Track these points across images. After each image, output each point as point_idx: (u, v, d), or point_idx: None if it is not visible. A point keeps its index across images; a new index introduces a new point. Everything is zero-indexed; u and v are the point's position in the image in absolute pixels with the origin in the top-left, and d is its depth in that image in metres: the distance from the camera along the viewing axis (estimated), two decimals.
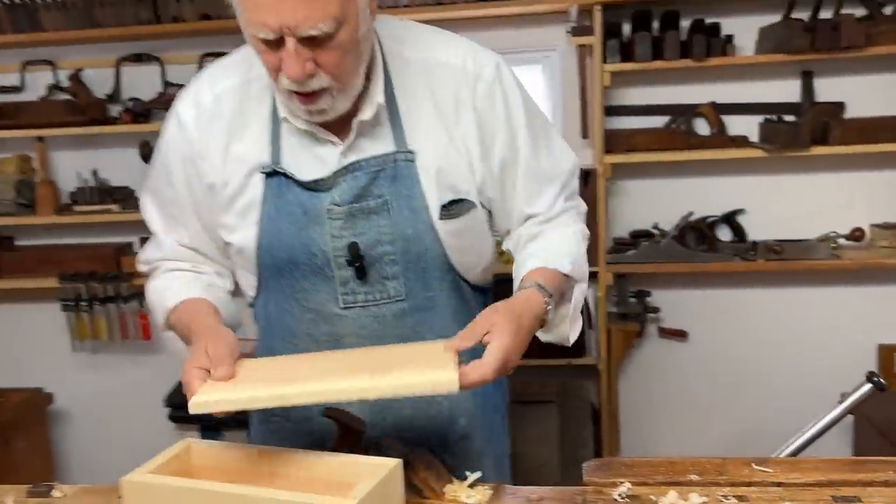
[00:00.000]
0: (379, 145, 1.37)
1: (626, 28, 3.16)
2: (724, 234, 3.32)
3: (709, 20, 3.07)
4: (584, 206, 1.56)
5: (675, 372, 3.49)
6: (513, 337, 1.20)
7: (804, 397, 3.15)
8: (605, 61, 3.03)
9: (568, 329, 1.44)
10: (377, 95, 1.34)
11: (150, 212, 1.54)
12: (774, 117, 3.14)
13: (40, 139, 3.51)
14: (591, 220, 3.12)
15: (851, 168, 3.21)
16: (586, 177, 3.13)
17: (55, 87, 3.55)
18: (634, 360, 3.50)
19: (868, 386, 1.54)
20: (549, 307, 1.32)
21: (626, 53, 3.06)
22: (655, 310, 3.36)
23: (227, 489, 1.06)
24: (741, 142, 3.15)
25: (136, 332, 3.57)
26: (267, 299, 1.50)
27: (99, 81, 3.53)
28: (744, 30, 3.15)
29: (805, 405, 2.73)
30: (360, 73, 1.31)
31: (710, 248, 3.19)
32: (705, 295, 3.41)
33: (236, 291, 1.57)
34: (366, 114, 1.34)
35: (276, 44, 1.20)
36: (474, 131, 1.39)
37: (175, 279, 1.49)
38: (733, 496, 1.30)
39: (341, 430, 1.24)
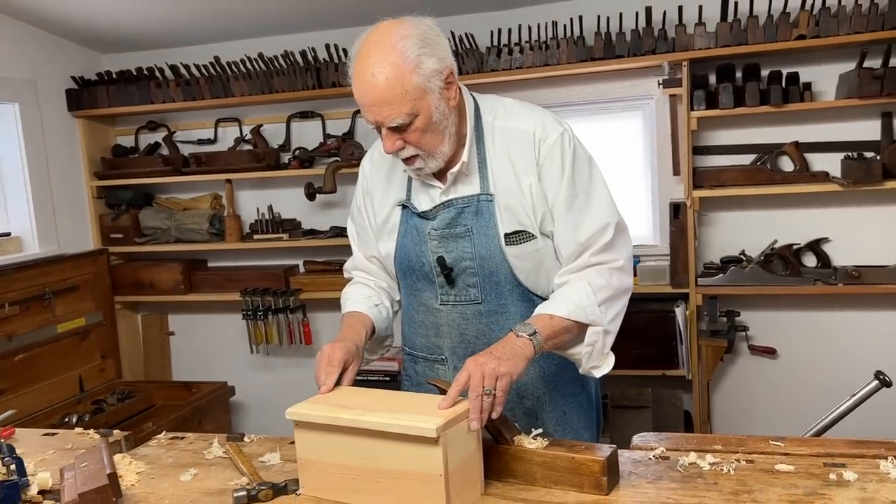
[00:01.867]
0: (468, 188, 1.77)
1: (712, 79, 3.40)
2: (810, 260, 3.46)
3: (789, 70, 3.27)
4: (619, 262, 1.74)
5: (765, 385, 3.63)
6: (473, 363, 1.48)
7: (887, 413, 3.24)
8: (692, 108, 3.30)
9: (586, 364, 1.72)
10: (465, 156, 1.73)
11: (350, 232, 2.02)
12: (854, 154, 3.29)
13: (229, 181, 4.05)
14: (682, 246, 3.39)
15: None
16: (677, 209, 3.40)
17: (240, 140, 4.10)
18: (726, 374, 3.68)
19: (875, 382, 1.78)
20: (528, 337, 1.57)
21: (712, 101, 3.31)
22: (745, 328, 3.54)
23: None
24: (821, 177, 3.32)
25: (300, 337, 4.02)
26: (403, 294, 1.96)
27: (274, 134, 4.06)
28: (824, 76, 3.32)
29: (887, 420, 2.83)
30: (445, 143, 1.68)
31: (794, 272, 3.36)
32: (793, 316, 3.55)
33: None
34: (456, 168, 1.74)
35: (379, 129, 1.65)
36: (537, 181, 1.73)
37: (355, 292, 1.96)
38: (744, 460, 1.59)
39: (440, 392, 1.66)
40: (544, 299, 1.77)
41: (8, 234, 3.78)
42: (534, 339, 1.59)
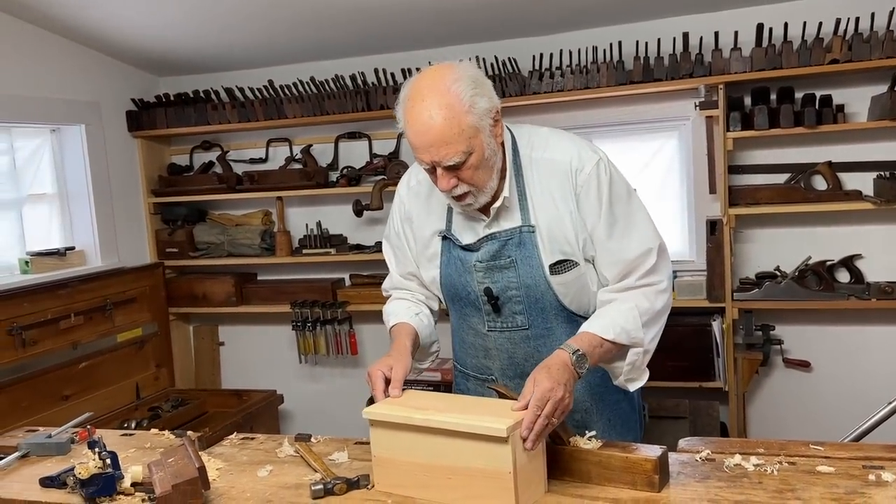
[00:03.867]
0: (510, 221, 1.82)
1: (748, 101, 3.49)
2: (843, 276, 3.52)
3: (822, 92, 3.36)
4: (663, 284, 1.80)
5: (800, 397, 3.68)
6: (543, 379, 1.56)
7: None
8: (728, 129, 3.40)
9: (623, 378, 1.81)
10: (506, 191, 1.78)
11: (386, 252, 2.10)
12: (886, 174, 3.35)
13: (279, 198, 4.20)
14: (718, 262, 3.48)
15: None
16: (713, 226, 3.49)
17: (291, 159, 4.24)
18: (762, 386, 3.74)
19: None
20: (575, 356, 1.64)
21: (748, 123, 3.40)
22: (779, 342, 3.61)
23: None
24: (854, 196, 3.38)
25: (346, 348, 4.14)
26: (452, 316, 2.05)
27: (322, 154, 4.20)
28: (857, 98, 3.40)
29: None
30: (493, 178, 1.74)
31: (828, 288, 3.42)
32: (827, 330, 3.61)
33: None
34: (498, 203, 1.79)
35: (432, 170, 1.71)
36: (576, 209, 1.78)
37: (398, 305, 2.03)
38: (786, 462, 1.68)
39: (499, 396, 1.78)
40: (587, 318, 1.83)
41: (73, 249, 3.96)
42: (582, 369, 1.67)
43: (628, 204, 1.81)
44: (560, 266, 1.80)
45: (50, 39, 3.79)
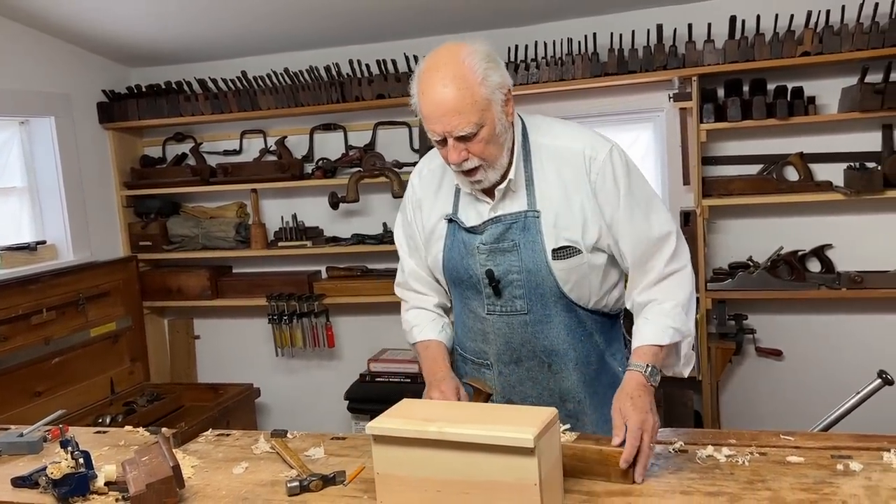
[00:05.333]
0: (516, 205, 1.83)
1: (721, 93, 3.52)
2: (814, 266, 3.57)
3: (794, 84, 3.39)
4: (689, 267, 1.84)
5: (771, 386, 3.74)
6: (632, 412, 1.62)
7: (889, 409, 3.33)
8: (701, 121, 3.42)
9: (680, 369, 1.88)
10: (512, 173, 1.80)
11: (400, 242, 2.09)
12: (857, 164, 3.40)
13: (254, 191, 4.16)
14: (692, 253, 3.50)
15: None
16: (687, 217, 3.52)
17: (265, 151, 4.21)
18: (735, 375, 3.79)
19: (878, 381, 1.89)
20: (646, 372, 1.72)
21: (721, 114, 3.43)
22: (752, 331, 3.66)
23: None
24: (825, 186, 3.43)
25: (323, 341, 4.13)
26: (454, 299, 2.04)
27: (297, 146, 4.17)
28: (828, 90, 3.44)
29: (890, 416, 2.86)
30: (504, 154, 1.77)
31: (799, 278, 3.47)
32: (798, 319, 3.67)
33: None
34: (504, 184, 1.80)
35: (443, 142, 1.73)
36: (591, 198, 1.79)
37: (421, 317, 2.04)
38: (757, 452, 1.71)
39: (475, 391, 1.78)
40: (586, 309, 1.89)
41: (44, 243, 3.90)
42: (657, 382, 1.74)
43: (645, 187, 1.85)
44: (563, 251, 1.81)
45: (18, 30, 3.73)
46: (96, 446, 2.05)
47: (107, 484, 1.77)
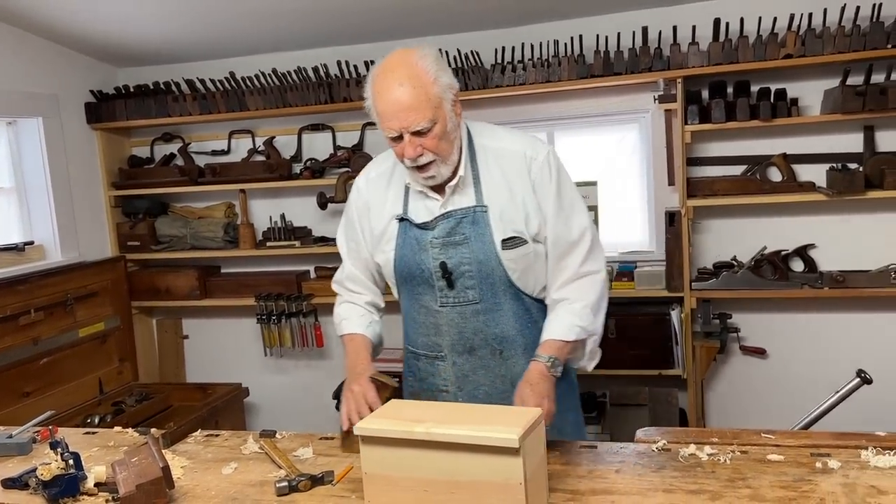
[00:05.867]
0: (465, 200, 1.95)
1: (705, 94, 3.55)
2: (797, 265, 3.61)
3: (777, 86, 3.43)
4: (602, 272, 2.00)
5: (755, 384, 3.78)
6: (530, 396, 1.79)
7: (867, 407, 3.38)
8: (686, 122, 3.46)
9: (585, 363, 2.05)
10: (461, 171, 1.93)
11: (340, 243, 2.18)
12: (839, 165, 3.44)
13: (242, 191, 4.16)
14: (676, 252, 3.55)
15: None
16: (672, 217, 3.56)
17: (253, 151, 4.21)
18: (720, 373, 3.83)
19: (857, 380, 1.93)
20: (549, 364, 1.87)
21: (705, 116, 3.46)
22: (736, 330, 3.69)
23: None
24: (808, 187, 3.47)
25: (311, 340, 4.15)
26: (403, 298, 2.11)
27: (286, 146, 4.17)
28: (810, 92, 3.47)
29: (868, 414, 2.90)
30: (454, 151, 1.90)
31: (782, 277, 3.51)
32: (781, 318, 3.70)
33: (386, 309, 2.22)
34: (455, 181, 1.93)
35: (398, 139, 1.83)
36: (531, 194, 1.94)
37: (350, 311, 2.14)
38: (738, 451, 1.74)
39: (377, 385, 1.87)
40: (533, 298, 2.02)
41: (31, 243, 3.90)
42: (558, 372, 1.90)
43: (572, 191, 2.00)
44: (511, 242, 1.94)
45: (4, 31, 3.71)
46: (86, 447, 2.06)
47: (97, 485, 1.78)
